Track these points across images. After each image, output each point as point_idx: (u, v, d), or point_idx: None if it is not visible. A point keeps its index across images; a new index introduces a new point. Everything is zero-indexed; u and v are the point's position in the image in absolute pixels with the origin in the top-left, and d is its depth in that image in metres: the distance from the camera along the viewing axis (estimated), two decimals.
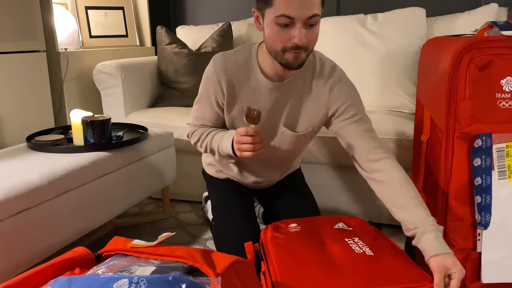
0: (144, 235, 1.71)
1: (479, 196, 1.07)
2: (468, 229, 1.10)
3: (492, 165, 1.05)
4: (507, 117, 1.03)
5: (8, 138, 1.80)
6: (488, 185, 1.06)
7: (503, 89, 1.02)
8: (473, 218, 1.09)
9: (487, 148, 1.04)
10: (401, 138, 1.58)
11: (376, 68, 1.97)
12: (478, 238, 1.09)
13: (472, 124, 1.05)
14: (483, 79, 1.02)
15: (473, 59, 1.02)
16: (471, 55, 1.02)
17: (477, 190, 1.07)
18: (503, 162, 1.05)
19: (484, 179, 1.06)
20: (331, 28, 2.10)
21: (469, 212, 1.10)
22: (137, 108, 2.15)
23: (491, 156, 1.05)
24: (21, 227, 1.13)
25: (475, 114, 1.04)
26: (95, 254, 0.88)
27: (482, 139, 1.04)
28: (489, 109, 1.03)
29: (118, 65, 2.04)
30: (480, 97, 1.03)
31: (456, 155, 1.09)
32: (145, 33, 2.63)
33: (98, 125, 1.44)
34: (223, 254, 0.83)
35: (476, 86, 1.03)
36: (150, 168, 1.66)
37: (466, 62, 1.02)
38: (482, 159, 1.05)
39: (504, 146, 1.04)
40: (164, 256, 0.80)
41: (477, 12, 1.93)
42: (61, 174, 1.25)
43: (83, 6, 2.37)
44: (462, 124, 1.06)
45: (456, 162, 1.09)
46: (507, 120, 1.03)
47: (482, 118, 1.04)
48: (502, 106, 1.03)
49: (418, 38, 1.97)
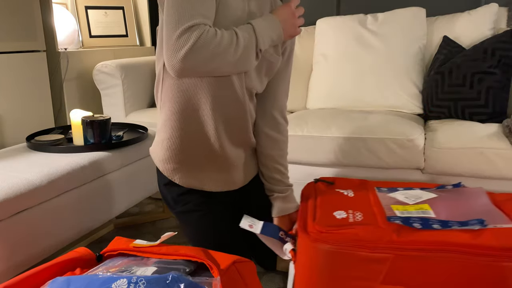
0: (144, 235, 1.71)
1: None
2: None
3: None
4: None
5: (8, 138, 1.80)
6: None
7: None
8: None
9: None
10: (401, 138, 1.58)
11: (376, 68, 1.97)
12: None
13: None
14: None
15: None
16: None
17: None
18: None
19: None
20: (331, 28, 2.10)
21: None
22: (137, 108, 2.14)
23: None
24: (21, 227, 1.13)
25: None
26: (96, 255, 0.88)
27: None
28: None
29: (118, 65, 2.04)
30: None
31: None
32: (145, 33, 2.63)
33: (98, 125, 1.44)
34: (225, 254, 0.83)
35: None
36: (150, 168, 1.66)
37: None
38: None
39: None
40: (168, 255, 0.80)
41: (477, 12, 1.93)
42: (61, 174, 1.25)
43: (83, 6, 2.37)
44: None
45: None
46: None
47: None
48: None
49: (418, 38, 1.97)
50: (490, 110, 1.66)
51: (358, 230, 0.96)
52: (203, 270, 0.79)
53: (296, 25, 1.04)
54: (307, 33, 2.21)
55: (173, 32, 0.88)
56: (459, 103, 1.71)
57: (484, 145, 1.48)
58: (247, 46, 0.95)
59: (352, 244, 0.94)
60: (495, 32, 1.89)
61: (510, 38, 1.69)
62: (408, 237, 0.94)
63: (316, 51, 2.14)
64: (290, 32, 1.03)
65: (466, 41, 1.91)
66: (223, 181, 1.17)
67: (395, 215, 1.00)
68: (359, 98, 1.98)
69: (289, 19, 1.02)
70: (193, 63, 0.89)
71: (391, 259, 0.93)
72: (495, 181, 1.53)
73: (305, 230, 1.00)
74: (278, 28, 1.01)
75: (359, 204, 1.10)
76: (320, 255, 0.96)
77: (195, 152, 1.11)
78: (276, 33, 1.01)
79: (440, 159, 1.53)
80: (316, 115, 1.85)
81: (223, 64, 0.93)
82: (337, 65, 2.04)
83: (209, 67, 0.92)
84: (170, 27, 0.88)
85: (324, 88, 2.06)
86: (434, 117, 1.82)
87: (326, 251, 0.95)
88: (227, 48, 0.91)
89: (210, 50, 0.89)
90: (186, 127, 1.07)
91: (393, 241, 0.94)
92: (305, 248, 0.99)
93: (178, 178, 1.13)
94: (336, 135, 1.65)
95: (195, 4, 0.89)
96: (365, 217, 1.02)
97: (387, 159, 1.60)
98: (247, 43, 0.95)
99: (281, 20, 1.01)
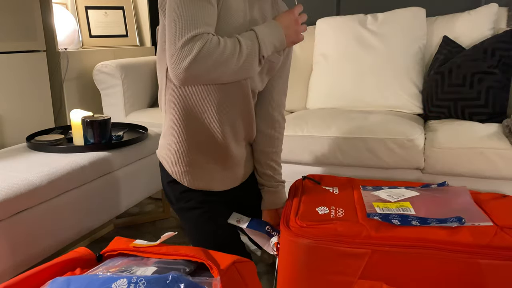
0: (144, 235, 1.71)
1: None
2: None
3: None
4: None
5: (8, 138, 1.80)
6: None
7: None
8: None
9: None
10: (401, 138, 1.58)
11: (376, 68, 1.97)
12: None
13: None
14: None
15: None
16: None
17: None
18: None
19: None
20: (331, 28, 2.10)
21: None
22: (137, 108, 2.14)
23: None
24: (21, 227, 1.13)
25: None
26: (96, 255, 0.88)
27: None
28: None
29: (118, 65, 2.04)
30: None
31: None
32: (145, 33, 2.63)
33: (98, 125, 1.44)
34: (225, 254, 0.83)
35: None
36: (150, 168, 1.66)
37: None
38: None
39: None
40: (168, 255, 0.80)
41: (477, 12, 1.93)
42: (61, 174, 1.25)
43: (83, 6, 2.37)
44: None
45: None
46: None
47: None
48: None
49: (418, 38, 1.97)
50: (490, 110, 1.66)
51: (337, 225, 0.97)
52: (203, 270, 0.80)
53: (299, 31, 1.05)
54: (307, 33, 2.21)
55: (176, 41, 0.87)
56: (459, 103, 1.71)
57: (484, 145, 1.48)
58: (250, 53, 0.95)
59: (331, 239, 0.96)
60: (495, 32, 1.89)
61: (510, 38, 1.69)
62: (386, 233, 0.95)
63: (316, 51, 2.14)
64: (292, 38, 1.04)
65: (466, 41, 1.91)
66: (228, 179, 1.19)
67: (375, 211, 1.02)
68: (359, 98, 1.98)
69: (291, 26, 1.02)
70: (196, 72, 0.89)
71: (369, 255, 0.94)
72: (495, 181, 1.53)
73: (287, 225, 1.02)
74: (281, 35, 1.01)
75: (343, 201, 1.12)
76: (300, 249, 0.97)
77: (202, 154, 1.12)
78: (279, 39, 1.01)
79: (440, 159, 1.53)
80: (316, 115, 1.85)
81: (226, 72, 0.94)
82: (337, 65, 2.04)
83: (212, 75, 0.92)
84: (172, 36, 0.88)
85: (324, 88, 2.06)
86: (434, 117, 1.82)
87: (306, 246, 0.96)
88: (230, 57, 0.91)
89: (213, 59, 0.89)
90: (192, 131, 1.08)
91: (371, 237, 0.95)
92: (287, 243, 1.00)
93: (186, 181, 1.14)
94: (336, 135, 1.65)
95: (197, 12, 0.89)
96: (346, 213, 1.03)
97: (387, 159, 1.60)
98: (250, 51, 0.95)
99: (284, 26, 1.02)
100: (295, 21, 1.03)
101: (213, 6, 0.93)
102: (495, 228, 0.96)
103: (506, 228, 0.96)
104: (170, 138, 1.12)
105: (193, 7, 0.90)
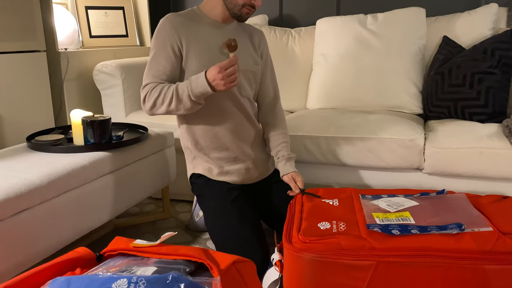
0: (144, 235, 1.71)
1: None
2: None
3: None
4: None
5: (8, 138, 1.80)
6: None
7: None
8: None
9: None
10: (401, 138, 1.58)
11: (376, 68, 1.97)
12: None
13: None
14: None
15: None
16: None
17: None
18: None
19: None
20: (331, 28, 2.10)
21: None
22: (137, 108, 2.14)
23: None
24: (21, 227, 1.13)
25: None
26: (96, 255, 0.88)
27: None
28: None
29: (118, 65, 2.04)
30: None
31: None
32: (145, 33, 2.63)
33: (98, 125, 1.44)
34: (225, 253, 0.83)
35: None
36: (150, 168, 1.66)
37: None
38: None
39: None
40: (168, 255, 0.81)
41: (477, 12, 1.93)
42: (61, 174, 1.25)
43: (83, 6, 2.37)
44: None
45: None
46: None
47: None
48: None
49: (418, 38, 1.97)
50: (490, 110, 1.66)
51: (340, 239, 0.99)
52: (203, 270, 0.80)
53: (225, 82, 1.26)
54: (307, 33, 2.22)
55: (142, 84, 1.39)
56: (459, 103, 1.71)
57: (484, 145, 1.48)
58: (178, 94, 1.30)
59: (334, 252, 0.97)
60: (495, 32, 1.89)
61: (510, 38, 1.69)
62: (390, 244, 0.96)
63: (316, 51, 2.14)
64: (220, 88, 1.28)
65: (466, 41, 1.91)
66: (244, 174, 1.49)
67: (375, 222, 1.04)
68: (359, 98, 1.98)
69: (216, 79, 1.26)
70: (147, 108, 1.37)
71: (374, 266, 0.95)
72: (495, 181, 1.53)
73: (290, 241, 1.04)
74: (205, 86, 1.28)
75: (343, 213, 1.14)
76: (304, 263, 0.99)
77: (216, 156, 1.46)
78: (205, 88, 1.28)
79: (440, 159, 1.53)
80: (316, 115, 1.85)
81: (165, 108, 1.34)
82: (337, 65, 2.04)
83: (159, 111, 1.36)
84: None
85: (324, 88, 2.06)
86: (434, 117, 1.82)
87: (310, 260, 0.98)
88: (165, 99, 1.32)
89: (152, 101, 1.35)
90: (203, 140, 1.45)
91: (375, 249, 0.96)
92: (290, 257, 1.03)
93: (213, 175, 1.47)
94: (336, 135, 1.66)
95: (152, 67, 1.36)
96: (347, 227, 1.05)
97: (387, 159, 1.60)
98: (178, 92, 1.30)
99: (209, 79, 1.27)
100: (217, 75, 1.25)
101: (168, 60, 1.35)
102: (497, 233, 0.96)
103: (508, 233, 0.96)
104: (185, 142, 1.53)
105: (152, 61, 1.37)
